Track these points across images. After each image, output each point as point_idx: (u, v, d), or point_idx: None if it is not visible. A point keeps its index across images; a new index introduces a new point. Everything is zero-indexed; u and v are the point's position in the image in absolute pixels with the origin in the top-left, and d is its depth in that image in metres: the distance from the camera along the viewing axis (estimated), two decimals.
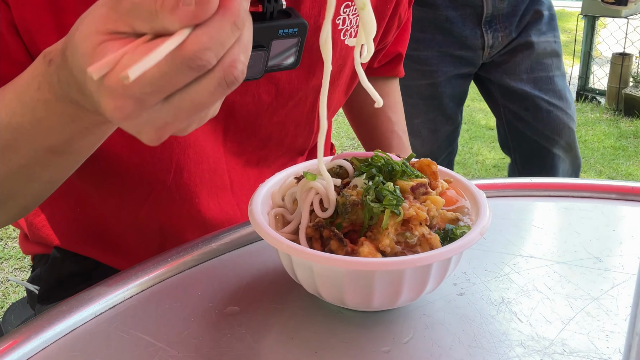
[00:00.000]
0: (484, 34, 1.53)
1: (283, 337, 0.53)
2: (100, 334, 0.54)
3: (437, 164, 0.59)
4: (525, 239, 0.68)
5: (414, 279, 0.51)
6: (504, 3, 1.52)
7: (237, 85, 0.40)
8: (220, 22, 0.38)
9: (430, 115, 1.62)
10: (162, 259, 0.63)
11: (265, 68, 0.62)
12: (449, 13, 1.50)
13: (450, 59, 1.56)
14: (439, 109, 1.62)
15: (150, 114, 0.40)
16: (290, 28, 0.59)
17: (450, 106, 1.63)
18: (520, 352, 0.51)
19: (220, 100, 0.42)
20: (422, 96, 1.59)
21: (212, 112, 0.44)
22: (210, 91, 0.40)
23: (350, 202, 0.52)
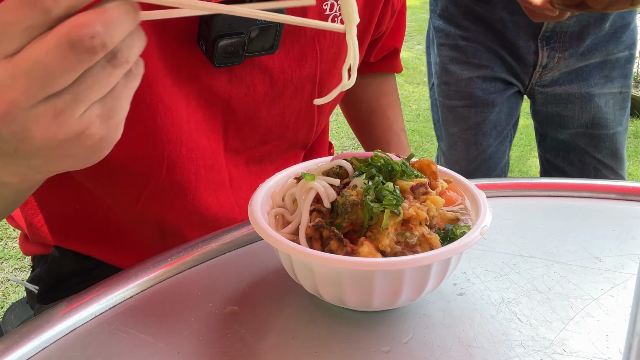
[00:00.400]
0: (538, 50, 1.26)
1: (283, 337, 0.53)
2: (100, 334, 0.54)
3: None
4: (526, 239, 0.68)
5: (414, 279, 0.51)
6: (571, 20, 1.22)
7: (87, 51, 0.35)
8: None
9: (468, 123, 1.36)
10: (162, 259, 0.63)
11: (245, 54, 0.62)
12: (504, 15, 1.26)
13: (499, 62, 1.31)
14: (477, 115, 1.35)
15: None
16: None
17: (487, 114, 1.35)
18: (520, 352, 0.51)
19: (71, 71, 0.35)
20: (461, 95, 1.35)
21: (116, 99, 0.39)
22: (47, 51, 0.34)
23: (350, 202, 0.52)
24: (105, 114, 0.39)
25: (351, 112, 1.01)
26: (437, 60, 1.37)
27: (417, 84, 4.29)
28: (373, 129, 0.97)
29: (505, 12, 1.25)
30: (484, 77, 1.31)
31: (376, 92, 0.98)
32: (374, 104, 0.98)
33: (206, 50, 0.62)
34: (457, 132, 1.38)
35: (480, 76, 1.31)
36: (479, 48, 1.30)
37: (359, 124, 1.01)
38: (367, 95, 0.98)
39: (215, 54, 0.61)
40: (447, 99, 1.37)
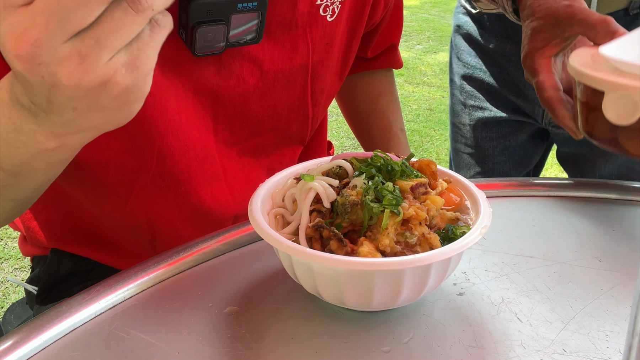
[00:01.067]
0: None
1: (283, 337, 0.53)
2: (100, 334, 0.54)
3: None
4: (526, 239, 0.68)
5: (413, 279, 0.51)
6: None
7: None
8: None
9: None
10: (162, 259, 0.63)
11: (227, 42, 0.61)
12: (506, 47, 1.11)
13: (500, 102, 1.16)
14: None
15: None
16: (249, 2, 0.59)
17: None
18: (521, 352, 0.51)
19: (88, 6, 0.36)
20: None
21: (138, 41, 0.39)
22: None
23: (349, 202, 0.52)
24: (131, 63, 0.40)
25: (350, 112, 1.01)
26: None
27: (417, 84, 4.29)
28: (372, 129, 0.97)
29: (509, 43, 1.11)
30: (485, 121, 1.17)
31: (375, 92, 0.97)
32: (372, 103, 0.97)
33: (186, 38, 0.61)
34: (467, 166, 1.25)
35: (482, 119, 1.17)
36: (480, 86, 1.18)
37: (358, 124, 1.00)
38: (365, 95, 0.97)
39: (194, 42, 0.60)
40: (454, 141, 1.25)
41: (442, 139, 3.32)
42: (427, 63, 4.76)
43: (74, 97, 0.40)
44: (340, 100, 1.02)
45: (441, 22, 6.12)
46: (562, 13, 0.73)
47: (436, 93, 4.10)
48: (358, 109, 0.98)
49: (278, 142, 0.78)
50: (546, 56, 0.74)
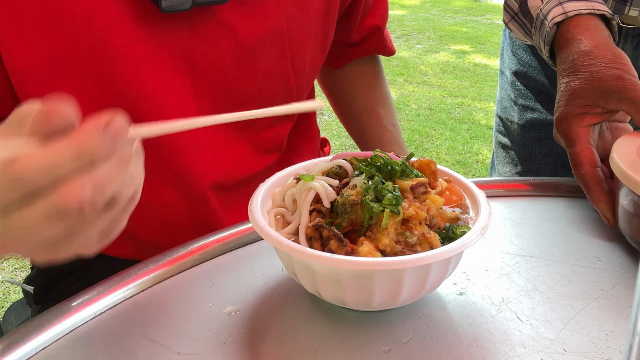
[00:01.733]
0: None
1: (283, 336, 0.53)
2: (100, 334, 0.54)
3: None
4: (526, 239, 0.68)
5: (414, 278, 0.50)
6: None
7: (72, 220, 0.37)
8: (62, 147, 0.36)
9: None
10: (162, 259, 0.63)
11: (193, 1, 0.62)
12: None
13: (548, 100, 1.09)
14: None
15: None
16: None
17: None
18: (521, 352, 0.51)
19: (54, 232, 0.38)
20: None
21: (83, 240, 0.40)
22: (37, 219, 0.37)
23: (349, 201, 0.52)
24: (76, 245, 0.41)
25: (342, 111, 1.00)
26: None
27: (417, 83, 4.29)
28: (364, 126, 0.96)
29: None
30: (535, 122, 1.10)
31: (364, 88, 0.97)
32: (363, 100, 0.96)
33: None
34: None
35: (532, 119, 1.10)
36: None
37: (351, 121, 0.99)
38: (355, 91, 0.97)
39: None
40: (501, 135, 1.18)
41: (442, 138, 3.32)
42: (427, 62, 4.76)
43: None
44: (331, 98, 1.01)
45: (441, 22, 6.12)
46: (611, 84, 0.66)
47: (436, 92, 4.10)
48: (350, 107, 0.98)
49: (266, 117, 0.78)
50: (585, 125, 0.68)
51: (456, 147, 3.16)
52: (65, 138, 0.36)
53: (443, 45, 5.24)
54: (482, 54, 5.00)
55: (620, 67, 0.67)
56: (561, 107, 0.69)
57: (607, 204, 0.66)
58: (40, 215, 0.37)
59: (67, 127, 0.37)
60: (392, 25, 5.91)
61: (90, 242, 0.41)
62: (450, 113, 3.71)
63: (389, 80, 4.32)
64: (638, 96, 0.65)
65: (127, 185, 0.40)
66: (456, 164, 2.96)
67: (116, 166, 0.38)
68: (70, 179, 0.36)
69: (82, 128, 0.37)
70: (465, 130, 3.42)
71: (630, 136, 0.67)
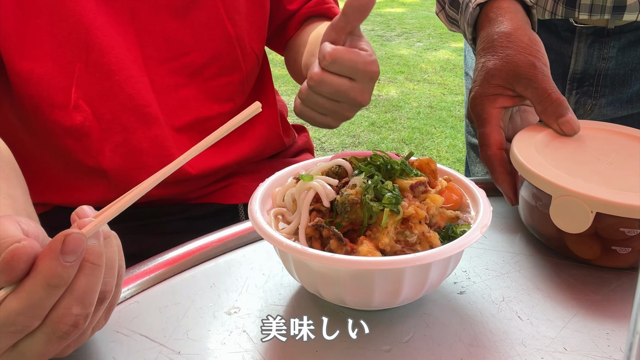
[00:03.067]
0: (565, 93, 1.00)
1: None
2: (101, 333, 0.54)
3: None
4: (526, 238, 0.68)
5: (414, 277, 0.50)
6: (609, 62, 0.96)
7: (74, 335, 0.42)
8: (32, 285, 0.39)
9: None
10: (162, 259, 0.63)
11: None
12: None
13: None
14: None
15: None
16: None
17: None
18: (521, 351, 0.51)
19: (63, 345, 0.43)
20: None
21: (76, 339, 0.45)
22: (42, 345, 0.41)
23: (349, 201, 0.52)
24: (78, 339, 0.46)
25: (294, 68, 0.98)
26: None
27: (417, 81, 4.29)
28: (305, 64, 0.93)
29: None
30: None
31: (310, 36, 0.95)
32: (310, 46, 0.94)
33: None
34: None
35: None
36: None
37: (296, 70, 0.97)
38: (303, 44, 0.95)
39: None
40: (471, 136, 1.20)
41: (442, 136, 3.32)
42: (427, 60, 4.76)
43: None
44: (292, 72, 1.00)
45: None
46: (523, 70, 0.68)
47: (437, 90, 4.09)
48: (295, 60, 0.95)
49: (209, 63, 0.82)
50: (497, 106, 0.70)
51: (456, 145, 3.16)
52: (29, 277, 0.39)
53: (443, 43, 5.23)
54: None
55: (534, 54, 0.69)
56: (476, 86, 0.71)
57: (510, 185, 0.69)
58: (42, 342, 0.41)
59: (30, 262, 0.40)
60: (392, 23, 5.91)
61: (98, 325, 0.48)
62: (450, 111, 3.71)
63: (389, 79, 4.32)
64: (543, 87, 0.67)
65: (109, 276, 0.44)
66: (456, 162, 2.96)
67: (91, 272, 0.41)
68: (55, 305, 0.40)
69: (42, 259, 0.40)
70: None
71: (529, 130, 0.70)
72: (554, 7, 0.91)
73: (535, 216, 0.65)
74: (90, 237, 0.42)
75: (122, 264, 0.48)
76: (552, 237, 0.63)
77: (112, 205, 0.44)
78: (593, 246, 0.60)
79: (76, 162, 0.78)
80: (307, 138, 1.03)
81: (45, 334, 0.41)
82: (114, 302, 0.48)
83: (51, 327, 0.41)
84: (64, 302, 0.41)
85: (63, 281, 0.40)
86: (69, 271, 0.40)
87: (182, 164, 0.44)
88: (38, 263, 0.40)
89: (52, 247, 0.40)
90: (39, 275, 0.39)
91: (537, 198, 0.63)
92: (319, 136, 3.29)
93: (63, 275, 0.40)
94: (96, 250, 0.42)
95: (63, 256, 0.39)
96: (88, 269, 0.41)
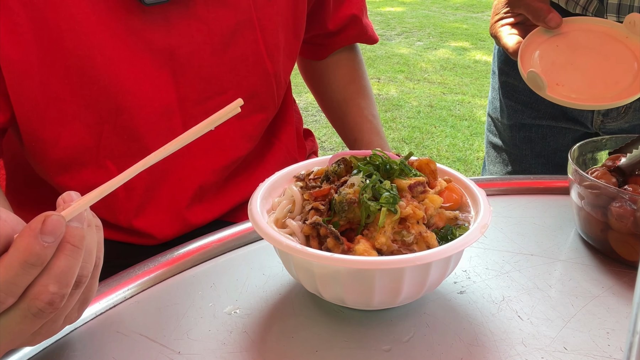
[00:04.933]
0: None
1: (283, 336, 0.53)
2: (101, 334, 0.54)
3: None
4: (526, 237, 0.68)
5: (414, 277, 0.50)
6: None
7: (49, 314, 0.42)
8: (9, 262, 0.40)
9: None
10: (162, 258, 0.63)
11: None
12: None
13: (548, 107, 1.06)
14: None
15: None
16: None
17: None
18: (521, 351, 0.51)
19: (37, 325, 0.43)
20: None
21: (57, 326, 0.46)
22: (17, 322, 0.41)
23: (347, 200, 0.52)
24: (52, 329, 0.46)
25: (325, 103, 1.03)
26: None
27: (418, 80, 4.29)
28: (345, 116, 0.98)
29: None
30: (525, 123, 1.08)
31: (344, 79, 1.00)
32: (343, 91, 0.99)
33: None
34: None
35: (522, 120, 1.08)
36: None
37: (332, 113, 1.02)
38: (336, 83, 1.00)
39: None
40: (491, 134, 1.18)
41: (442, 135, 3.32)
42: (427, 59, 4.75)
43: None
44: (314, 90, 1.04)
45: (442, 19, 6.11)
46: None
47: (437, 89, 4.09)
48: (330, 98, 1.00)
49: (246, 101, 0.80)
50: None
51: (457, 144, 3.16)
52: (7, 253, 0.40)
53: (443, 42, 5.23)
54: (483, 51, 4.99)
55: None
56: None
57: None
58: (17, 319, 0.41)
59: (7, 241, 0.41)
60: (392, 22, 5.91)
61: (70, 316, 0.47)
62: (450, 110, 3.71)
63: (390, 78, 4.31)
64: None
65: (87, 262, 0.44)
66: (457, 161, 2.96)
67: (70, 253, 0.42)
68: (32, 283, 0.41)
69: (21, 237, 0.40)
70: (466, 127, 3.41)
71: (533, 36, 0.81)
72: (587, 2, 0.91)
73: (582, 217, 0.66)
74: (74, 219, 0.42)
75: (100, 256, 0.48)
76: (597, 239, 0.65)
77: (94, 191, 0.44)
78: (636, 247, 0.61)
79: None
80: (313, 142, 1.04)
81: (21, 310, 0.41)
82: (89, 295, 0.48)
83: (27, 303, 0.41)
84: (41, 279, 0.41)
85: (40, 261, 0.40)
86: (47, 251, 0.40)
87: (166, 153, 0.45)
88: (17, 240, 0.40)
89: (31, 226, 0.40)
90: (17, 252, 0.40)
91: (581, 197, 0.64)
92: (319, 135, 3.29)
93: (40, 254, 0.40)
94: (78, 232, 0.42)
95: (42, 236, 0.40)
96: (68, 250, 0.42)
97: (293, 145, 0.93)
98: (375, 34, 1.00)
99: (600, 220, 0.63)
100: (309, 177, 0.60)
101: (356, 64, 1.01)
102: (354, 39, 0.97)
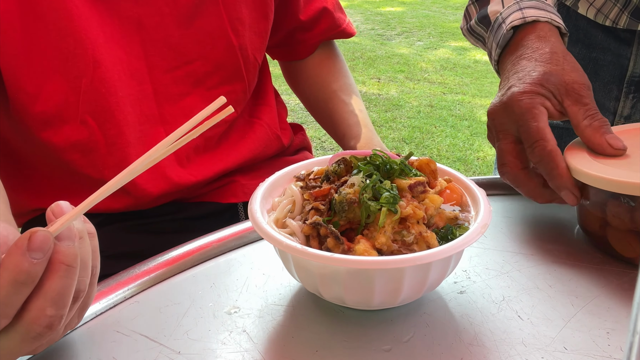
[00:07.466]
0: (621, 97, 0.96)
1: (283, 336, 0.53)
2: (101, 334, 0.54)
3: None
4: (526, 237, 0.68)
5: (414, 277, 0.50)
6: None
7: (48, 336, 0.42)
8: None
9: None
10: (162, 258, 0.63)
11: None
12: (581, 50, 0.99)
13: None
14: None
15: None
16: None
17: None
18: (521, 350, 0.51)
19: (37, 344, 0.43)
20: None
21: (53, 336, 0.45)
22: (16, 343, 0.41)
23: (347, 200, 0.52)
24: (52, 336, 0.46)
25: (310, 104, 1.04)
26: None
27: (418, 80, 4.29)
28: (332, 113, 0.99)
29: (581, 46, 0.97)
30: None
31: (328, 78, 1.01)
32: (328, 90, 1.00)
33: None
34: None
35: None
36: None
37: (320, 112, 1.03)
38: (318, 83, 1.01)
39: None
40: None
41: (442, 135, 3.32)
42: (427, 59, 4.76)
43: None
44: (298, 92, 1.06)
45: (442, 19, 6.11)
46: (578, 87, 0.65)
47: (437, 89, 4.09)
48: (316, 98, 1.02)
49: (212, 72, 0.83)
50: (547, 106, 0.66)
51: (457, 144, 3.16)
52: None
53: (443, 42, 5.23)
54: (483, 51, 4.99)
55: (587, 79, 0.66)
56: (522, 84, 0.66)
57: (573, 180, 0.63)
58: (16, 342, 0.41)
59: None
60: (392, 22, 5.91)
61: (71, 323, 0.48)
62: (450, 110, 3.71)
63: (390, 78, 4.31)
64: (594, 106, 0.64)
65: (83, 276, 0.44)
66: (457, 161, 2.96)
67: (65, 274, 0.41)
68: (27, 303, 0.41)
69: (8, 255, 0.39)
70: (466, 127, 3.41)
71: (573, 149, 0.67)
72: (617, 16, 0.88)
73: (582, 214, 0.66)
74: (65, 238, 0.42)
75: (97, 264, 0.47)
76: (596, 235, 0.65)
77: (81, 204, 0.43)
78: (633, 243, 0.61)
79: (81, 175, 0.79)
80: (304, 136, 1.05)
81: (20, 334, 0.41)
82: (87, 302, 0.48)
83: (25, 327, 0.41)
84: (37, 303, 0.41)
85: (30, 278, 0.40)
86: (36, 268, 0.40)
87: (151, 163, 0.45)
88: (4, 259, 0.40)
89: (18, 244, 0.40)
90: (5, 271, 0.39)
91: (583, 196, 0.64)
92: (319, 135, 3.29)
93: (30, 271, 0.39)
94: (71, 252, 0.42)
95: (30, 253, 0.39)
96: (63, 271, 0.41)
97: (275, 125, 0.94)
98: (350, 28, 1.01)
99: (599, 216, 0.63)
100: (309, 177, 0.60)
101: (337, 63, 1.03)
102: (328, 33, 0.98)
